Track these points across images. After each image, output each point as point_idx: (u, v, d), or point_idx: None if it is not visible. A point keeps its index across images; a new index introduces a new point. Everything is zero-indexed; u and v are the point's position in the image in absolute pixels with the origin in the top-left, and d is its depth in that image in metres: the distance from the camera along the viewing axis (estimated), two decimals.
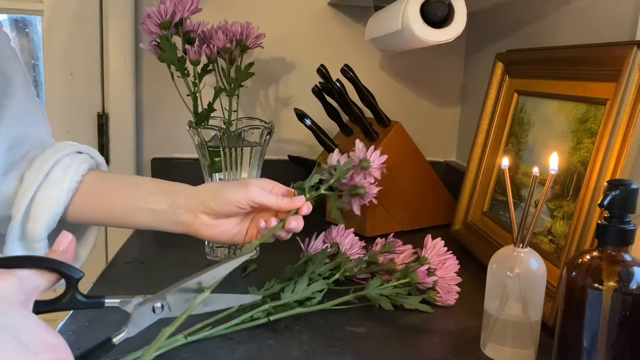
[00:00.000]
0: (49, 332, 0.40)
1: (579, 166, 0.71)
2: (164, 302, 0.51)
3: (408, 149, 1.06)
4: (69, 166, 0.61)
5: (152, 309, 0.50)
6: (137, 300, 0.50)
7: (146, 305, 0.50)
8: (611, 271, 0.51)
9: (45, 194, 0.59)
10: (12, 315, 0.38)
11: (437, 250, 0.73)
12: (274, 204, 0.65)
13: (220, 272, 0.53)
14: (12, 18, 1.25)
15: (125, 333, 0.49)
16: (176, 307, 0.51)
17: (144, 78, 1.19)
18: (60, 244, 0.45)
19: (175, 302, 0.51)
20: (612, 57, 0.67)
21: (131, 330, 0.50)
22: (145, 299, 0.50)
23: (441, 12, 0.84)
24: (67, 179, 0.61)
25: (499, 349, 0.61)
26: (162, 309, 0.51)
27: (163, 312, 0.51)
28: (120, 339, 0.49)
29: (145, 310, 0.50)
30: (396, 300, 0.71)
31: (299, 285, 0.69)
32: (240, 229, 0.68)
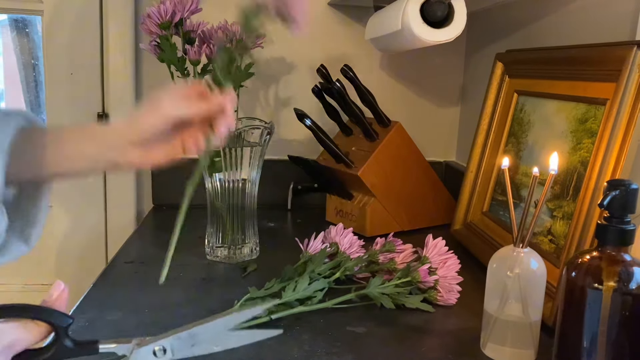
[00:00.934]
0: None
1: (578, 166, 0.71)
2: (167, 345, 0.48)
3: (408, 149, 1.07)
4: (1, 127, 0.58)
5: (153, 352, 0.47)
6: (135, 341, 0.47)
7: (145, 348, 0.47)
8: (611, 271, 0.51)
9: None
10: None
11: (438, 250, 0.73)
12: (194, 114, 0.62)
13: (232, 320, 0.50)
14: (12, 18, 1.25)
15: None
16: (181, 352, 0.48)
17: (144, 78, 1.18)
18: (52, 294, 0.45)
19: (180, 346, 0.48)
20: (612, 57, 0.67)
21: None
22: (143, 341, 0.47)
23: (441, 12, 0.84)
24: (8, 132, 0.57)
25: (499, 349, 0.61)
26: (164, 353, 0.47)
27: (166, 356, 0.48)
28: None
29: (144, 353, 0.47)
30: (397, 299, 0.71)
31: (300, 284, 0.70)
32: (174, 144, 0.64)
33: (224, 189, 0.88)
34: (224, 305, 0.70)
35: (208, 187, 0.90)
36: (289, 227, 1.12)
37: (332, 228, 0.82)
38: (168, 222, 1.12)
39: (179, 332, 0.48)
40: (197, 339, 0.48)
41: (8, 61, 1.30)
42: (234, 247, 0.90)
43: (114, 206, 1.20)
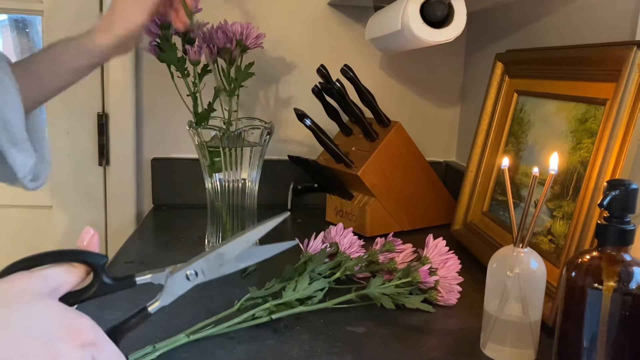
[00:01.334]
0: (75, 318, 0.42)
1: (578, 166, 0.71)
2: (197, 269, 0.50)
3: (408, 149, 1.07)
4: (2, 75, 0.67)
5: (185, 277, 0.50)
6: (168, 270, 0.50)
7: (179, 274, 0.50)
8: (611, 271, 0.51)
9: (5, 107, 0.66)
10: (35, 307, 0.40)
11: (438, 250, 0.73)
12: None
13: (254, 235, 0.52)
14: (12, 18, 1.25)
15: (160, 302, 0.50)
16: (211, 273, 0.51)
17: (144, 78, 1.18)
18: (84, 239, 0.48)
19: (209, 268, 0.51)
20: (612, 57, 0.67)
21: (165, 298, 0.50)
22: (176, 268, 0.50)
23: (441, 12, 0.84)
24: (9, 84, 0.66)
25: (498, 349, 0.61)
26: (196, 276, 0.50)
27: (198, 279, 0.51)
28: (155, 308, 0.50)
29: (178, 279, 0.50)
30: (398, 299, 0.71)
31: (300, 284, 0.70)
32: None
33: (224, 189, 0.88)
34: (224, 305, 0.71)
35: (208, 187, 0.90)
36: (289, 227, 1.12)
37: (332, 228, 0.82)
38: (168, 222, 1.13)
39: (207, 255, 0.51)
40: (224, 259, 0.51)
41: None
42: None
43: (114, 206, 1.20)
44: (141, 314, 0.49)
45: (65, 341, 0.40)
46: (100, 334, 0.43)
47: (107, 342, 0.44)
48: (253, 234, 0.52)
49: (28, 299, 0.41)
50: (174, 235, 1.01)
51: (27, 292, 0.41)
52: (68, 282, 0.45)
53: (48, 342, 0.40)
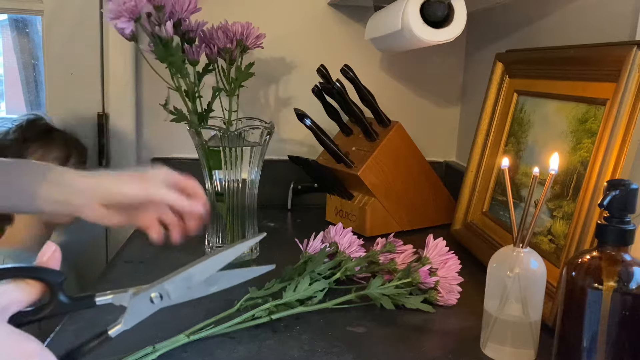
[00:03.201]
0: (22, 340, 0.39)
1: (578, 166, 0.71)
2: (162, 291, 0.48)
3: (408, 149, 1.06)
4: None
5: (149, 299, 0.48)
6: (131, 291, 0.47)
7: (142, 295, 0.47)
8: (611, 271, 0.51)
9: None
10: None
11: (438, 250, 0.73)
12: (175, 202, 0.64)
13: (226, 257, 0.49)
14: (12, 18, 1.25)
15: (121, 325, 0.47)
16: (177, 296, 0.48)
17: (144, 78, 1.18)
18: (44, 255, 0.45)
19: (176, 290, 0.48)
20: (612, 57, 0.67)
21: (127, 321, 0.47)
22: (140, 289, 0.47)
23: (441, 12, 0.84)
24: None
25: (499, 349, 0.61)
26: (160, 299, 0.48)
27: (163, 302, 0.48)
28: (116, 331, 0.46)
29: (142, 301, 0.47)
30: (398, 299, 0.71)
31: (300, 285, 0.70)
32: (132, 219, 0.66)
33: (224, 189, 0.88)
34: (224, 305, 0.71)
35: (208, 187, 0.90)
36: (289, 227, 1.12)
37: (332, 228, 0.82)
38: None
39: (173, 276, 0.48)
40: (192, 282, 0.48)
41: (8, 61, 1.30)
42: None
43: None
44: (100, 338, 0.46)
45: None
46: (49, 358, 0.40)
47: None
48: (223, 257, 0.49)
49: None
50: None
51: None
52: (19, 300, 0.41)
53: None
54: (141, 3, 0.77)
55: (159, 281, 0.48)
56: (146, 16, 0.81)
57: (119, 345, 0.49)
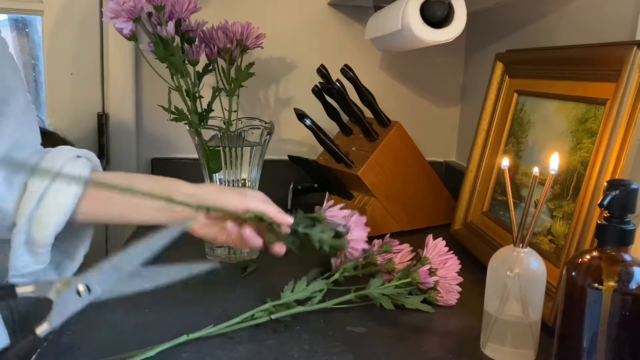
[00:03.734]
0: None
1: (578, 166, 0.71)
2: (90, 282, 0.44)
3: (408, 149, 1.06)
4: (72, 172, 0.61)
5: (76, 292, 0.44)
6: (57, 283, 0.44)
7: (69, 289, 0.44)
8: (611, 271, 0.51)
9: (53, 202, 0.59)
10: None
11: (438, 250, 0.73)
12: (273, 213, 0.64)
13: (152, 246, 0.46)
14: (12, 18, 1.25)
15: (48, 323, 0.43)
16: (108, 288, 0.44)
17: (144, 78, 1.18)
18: None
19: (105, 281, 0.44)
20: (612, 57, 0.67)
21: (55, 319, 0.44)
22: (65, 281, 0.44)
23: (441, 12, 0.84)
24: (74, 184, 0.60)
25: (499, 349, 0.61)
26: (88, 292, 0.44)
27: (91, 295, 0.44)
28: (45, 331, 0.43)
29: (68, 294, 0.44)
30: (397, 299, 0.71)
31: (298, 285, 0.70)
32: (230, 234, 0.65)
33: None
34: (224, 305, 0.71)
35: None
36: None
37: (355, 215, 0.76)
38: None
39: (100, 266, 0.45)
40: (122, 272, 0.45)
41: None
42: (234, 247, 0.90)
43: None
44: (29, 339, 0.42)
45: None
46: None
47: None
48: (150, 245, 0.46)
49: None
50: None
51: None
52: None
53: None
54: (140, 4, 0.77)
55: (86, 272, 0.45)
56: (147, 16, 0.81)
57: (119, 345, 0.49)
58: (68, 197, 0.60)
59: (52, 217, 0.59)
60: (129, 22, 0.78)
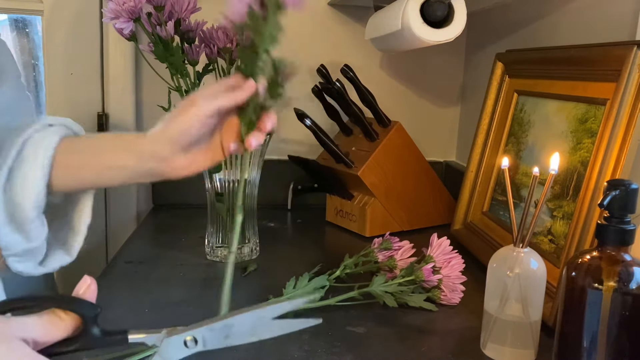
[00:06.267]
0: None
1: (579, 166, 0.71)
2: (198, 336, 0.46)
3: (408, 149, 1.07)
4: (39, 143, 0.57)
5: (183, 343, 0.46)
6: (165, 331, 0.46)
7: (176, 338, 0.46)
8: (611, 271, 0.51)
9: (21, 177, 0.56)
10: None
11: (442, 249, 0.73)
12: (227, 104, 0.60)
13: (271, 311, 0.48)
14: (12, 18, 1.25)
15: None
16: (214, 343, 0.46)
17: (144, 78, 1.18)
18: (80, 289, 0.45)
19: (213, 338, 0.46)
20: (612, 57, 0.67)
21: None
22: (174, 331, 0.46)
23: (441, 12, 0.84)
24: (40, 157, 0.56)
25: (499, 349, 0.61)
26: (195, 344, 0.46)
27: (197, 347, 0.46)
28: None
29: (175, 343, 0.46)
30: (401, 297, 0.71)
31: (300, 281, 0.70)
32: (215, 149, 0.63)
33: (224, 189, 0.88)
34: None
35: (208, 187, 0.90)
36: (289, 227, 1.12)
37: None
38: (168, 222, 1.13)
39: (213, 322, 0.46)
40: (232, 331, 0.47)
41: None
42: None
43: (114, 206, 1.20)
44: None
45: None
46: None
47: None
48: (270, 310, 0.47)
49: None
50: (174, 235, 1.01)
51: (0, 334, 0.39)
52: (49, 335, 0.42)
53: None
54: (140, 4, 0.77)
55: (196, 325, 0.47)
56: (146, 16, 0.81)
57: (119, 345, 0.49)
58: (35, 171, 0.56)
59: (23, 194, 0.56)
60: (130, 23, 0.78)
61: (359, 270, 0.77)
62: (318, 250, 1.00)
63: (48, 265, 0.61)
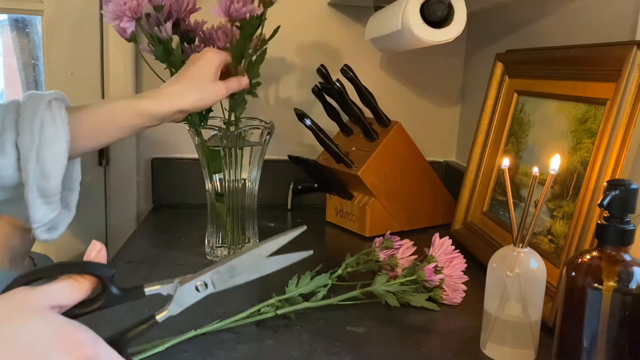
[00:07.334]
0: (74, 331, 0.42)
1: (578, 166, 0.71)
2: (207, 280, 0.51)
3: (408, 149, 1.07)
4: (53, 120, 0.64)
5: (195, 288, 0.50)
6: (177, 280, 0.50)
7: (188, 285, 0.50)
8: (611, 271, 0.51)
9: (49, 153, 0.63)
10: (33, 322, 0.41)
11: (444, 249, 0.73)
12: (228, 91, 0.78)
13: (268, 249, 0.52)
14: (12, 18, 1.25)
15: (168, 311, 0.50)
16: (221, 284, 0.51)
17: (144, 78, 1.18)
18: (91, 254, 0.48)
19: (220, 279, 0.51)
20: (612, 57, 0.67)
21: (174, 308, 0.50)
22: (185, 279, 0.51)
23: (441, 12, 0.84)
24: (61, 132, 0.64)
25: (498, 349, 0.61)
26: (205, 287, 0.51)
27: (207, 290, 0.51)
28: (163, 317, 0.50)
29: (187, 290, 0.50)
30: (403, 297, 0.71)
31: (302, 279, 0.70)
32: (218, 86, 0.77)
33: (224, 189, 0.88)
34: (224, 305, 0.71)
35: (208, 187, 0.90)
36: (289, 227, 1.12)
37: None
38: (168, 222, 1.13)
39: (218, 267, 0.51)
40: (235, 271, 0.51)
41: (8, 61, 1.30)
42: (234, 247, 0.90)
43: (114, 206, 1.20)
44: (148, 323, 0.50)
45: (63, 356, 0.40)
46: (102, 346, 0.43)
47: (108, 353, 0.44)
48: (266, 248, 0.52)
49: (28, 314, 0.41)
50: (174, 235, 1.01)
51: (28, 307, 0.41)
52: (71, 298, 0.45)
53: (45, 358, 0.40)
54: (143, 2, 0.77)
55: (204, 271, 0.51)
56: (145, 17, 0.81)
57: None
58: (61, 145, 0.63)
59: (53, 167, 0.63)
60: (133, 22, 0.78)
61: (360, 268, 0.77)
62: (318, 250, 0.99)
63: (60, 227, 0.69)
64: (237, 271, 0.51)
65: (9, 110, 0.65)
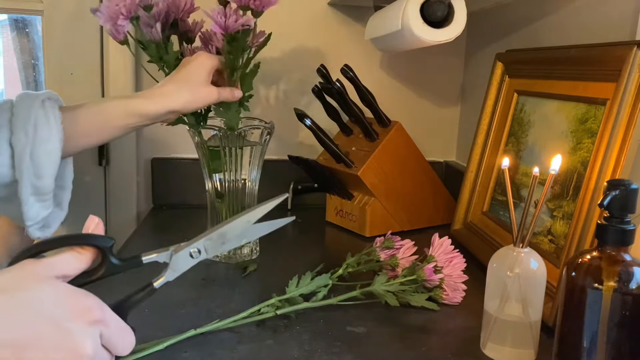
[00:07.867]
0: (81, 297, 0.44)
1: (578, 166, 0.71)
2: (200, 247, 0.53)
3: (408, 149, 1.07)
4: (47, 119, 0.65)
5: (189, 254, 0.53)
6: (172, 248, 0.53)
7: (183, 252, 0.53)
8: (611, 271, 0.51)
9: (42, 152, 0.64)
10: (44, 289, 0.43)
11: (444, 249, 0.73)
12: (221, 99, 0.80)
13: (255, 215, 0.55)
14: (12, 18, 1.25)
15: (164, 278, 0.52)
16: (213, 250, 0.54)
17: (144, 78, 1.18)
18: (89, 227, 0.50)
19: (212, 246, 0.54)
20: (612, 57, 0.67)
21: (170, 275, 0.53)
22: (180, 247, 0.53)
23: (441, 12, 0.84)
24: (54, 131, 0.65)
25: (498, 349, 0.61)
26: (199, 254, 0.53)
27: (201, 256, 0.53)
28: (160, 283, 0.52)
29: (182, 256, 0.53)
30: (403, 297, 0.71)
31: (303, 280, 0.70)
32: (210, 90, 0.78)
33: (224, 189, 0.88)
34: (224, 305, 0.71)
35: (208, 187, 0.90)
36: (289, 227, 1.12)
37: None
38: (168, 222, 1.13)
39: (209, 234, 0.54)
40: (226, 238, 0.54)
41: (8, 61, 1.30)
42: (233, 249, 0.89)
43: (114, 206, 1.20)
44: (146, 290, 0.52)
45: (75, 320, 0.43)
46: (107, 311, 0.46)
47: (114, 318, 0.46)
48: (253, 215, 0.55)
49: (37, 282, 0.43)
50: (174, 235, 1.01)
51: (36, 276, 0.44)
52: (74, 268, 0.47)
53: (58, 322, 0.42)
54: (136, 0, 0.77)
55: (196, 238, 0.54)
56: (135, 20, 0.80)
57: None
58: (54, 144, 0.65)
59: (47, 166, 0.64)
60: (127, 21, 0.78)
61: (361, 268, 0.77)
62: (318, 250, 1.00)
63: (52, 225, 0.71)
64: (227, 237, 0.54)
65: (3, 110, 0.65)
